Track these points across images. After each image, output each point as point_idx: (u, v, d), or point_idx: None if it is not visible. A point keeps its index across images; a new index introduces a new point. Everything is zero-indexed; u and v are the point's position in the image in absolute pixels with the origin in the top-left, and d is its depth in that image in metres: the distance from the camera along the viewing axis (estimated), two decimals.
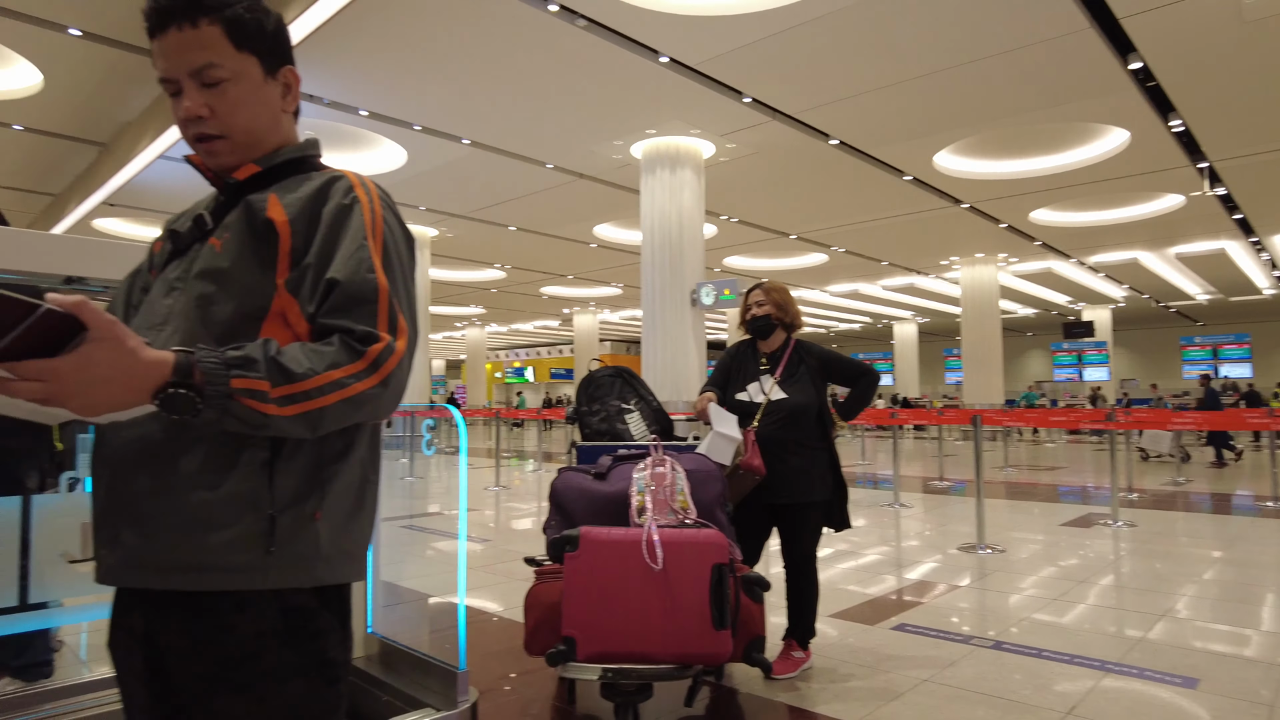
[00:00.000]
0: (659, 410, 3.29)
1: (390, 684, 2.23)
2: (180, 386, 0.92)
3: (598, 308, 25.18)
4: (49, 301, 0.84)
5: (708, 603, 2.30)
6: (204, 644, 1.03)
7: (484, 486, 9.95)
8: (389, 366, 1.04)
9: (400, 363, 1.06)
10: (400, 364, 1.06)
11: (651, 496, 2.55)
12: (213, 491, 1.03)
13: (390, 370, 1.05)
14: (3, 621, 2.08)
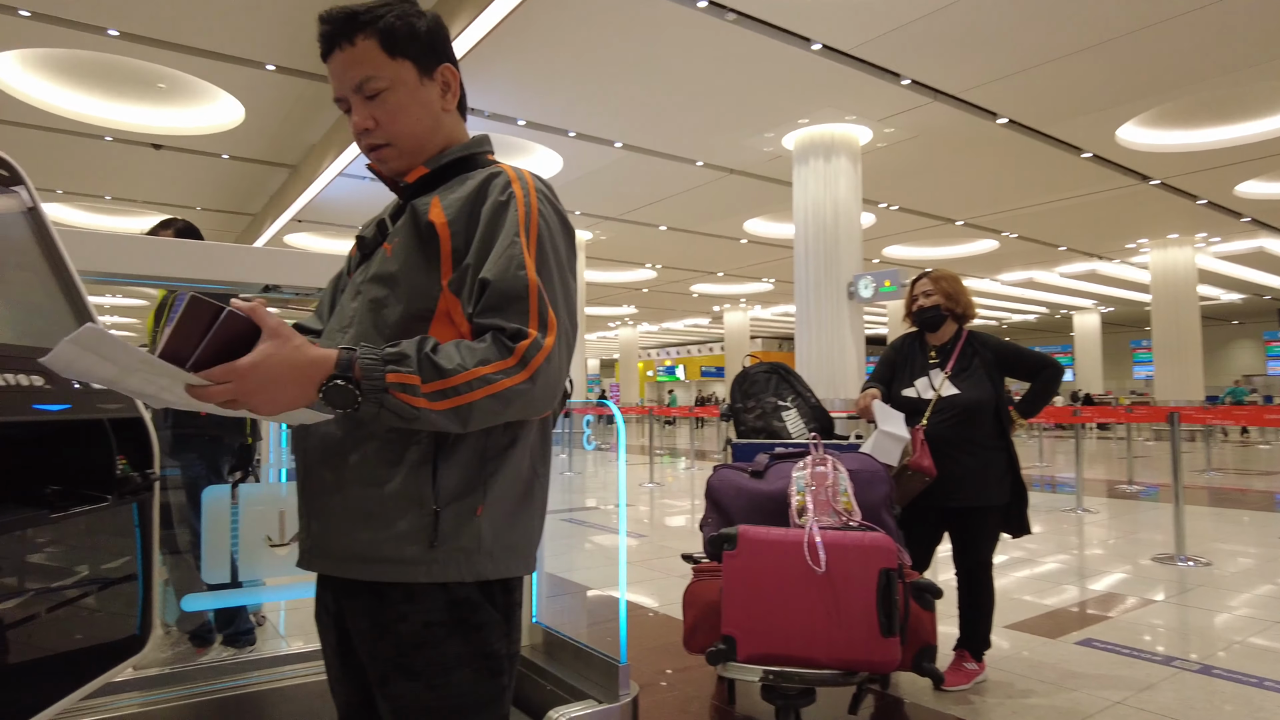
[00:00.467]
0: (817, 407, 3.20)
1: (553, 674, 2.29)
2: (341, 379, 0.98)
3: (749, 304, 24.96)
4: (231, 306, 0.94)
5: (874, 608, 2.20)
6: (381, 630, 1.09)
7: (639, 483, 10.10)
8: (536, 362, 1.04)
9: (549, 358, 1.05)
10: (549, 359, 1.05)
11: (812, 497, 2.47)
12: (381, 488, 1.08)
13: (538, 366, 1.04)
14: (217, 596, 2.31)
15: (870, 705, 2.83)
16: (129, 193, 12.28)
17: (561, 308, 1.10)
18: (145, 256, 2.05)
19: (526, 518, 1.18)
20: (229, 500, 2.31)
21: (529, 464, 1.18)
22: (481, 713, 1.11)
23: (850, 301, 9.07)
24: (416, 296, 1.14)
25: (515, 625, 1.18)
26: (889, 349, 3.35)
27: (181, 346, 0.92)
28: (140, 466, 1.37)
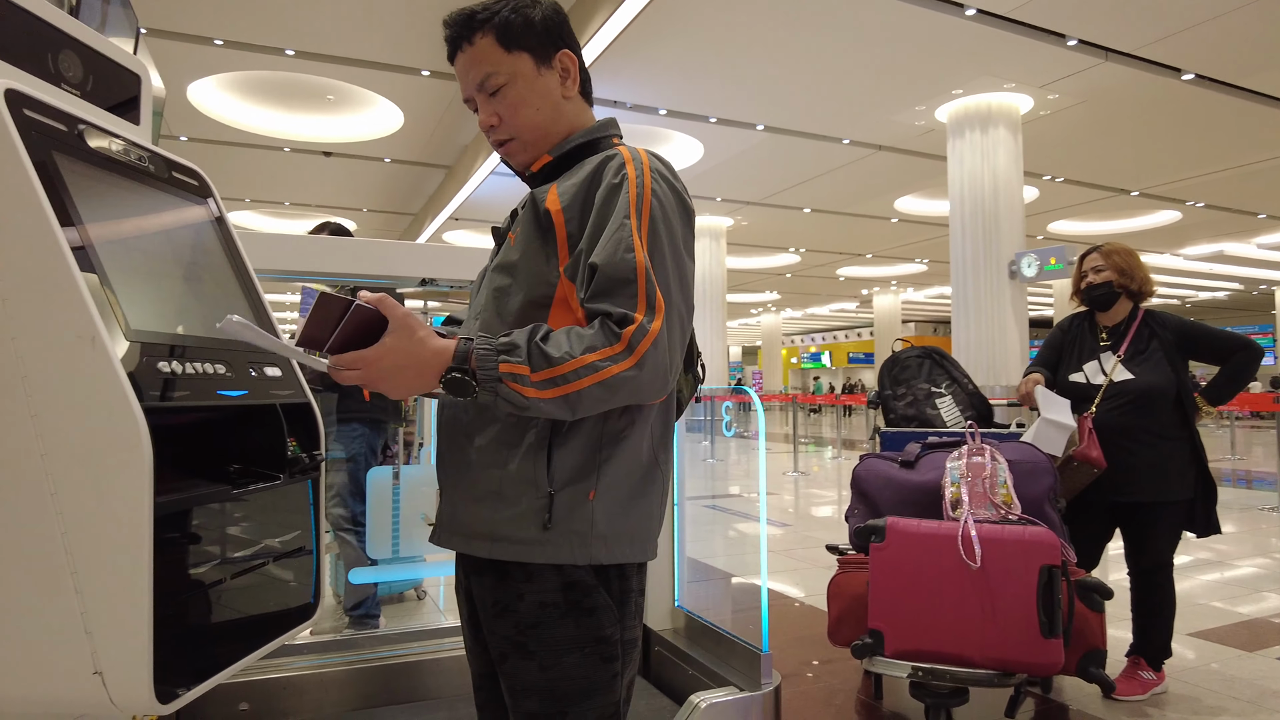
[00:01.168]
0: (975, 394, 3.02)
1: (695, 658, 2.30)
2: (458, 371, 1.01)
3: (900, 287, 23.97)
4: (359, 299, 1.02)
5: (1034, 607, 2.06)
6: (502, 608, 1.12)
7: (782, 472, 9.96)
8: (643, 348, 1.02)
9: (656, 343, 1.03)
10: (656, 344, 1.03)
11: (968, 488, 2.34)
12: (502, 469, 1.11)
13: (644, 352, 1.02)
14: (380, 570, 2.48)
15: (1030, 709, 2.66)
16: (305, 198, 13.36)
17: (674, 289, 1.08)
18: (316, 255, 2.22)
19: (644, 505, 1.17)
20: (391, 480, 2.47)
21: (648, 451, 1.17)
22: (593, 697, 1.11)
23: (1012, 282, 8.50)
24: (535, 284, 1.15)
25: (631, 612, 1.17)
26: (1055, 331, 3.12)
27: (316, 335, 1.03)
28: (308, 448, 1.48)
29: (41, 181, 1.09)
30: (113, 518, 1.05)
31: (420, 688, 2.35)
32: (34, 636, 1.05)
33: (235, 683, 2.17)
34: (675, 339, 1.07)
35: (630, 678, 1.21)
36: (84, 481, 1.05)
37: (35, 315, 1.07)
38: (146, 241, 1.33)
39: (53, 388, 1.06)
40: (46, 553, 1.04)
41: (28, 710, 1.11)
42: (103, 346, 1.06)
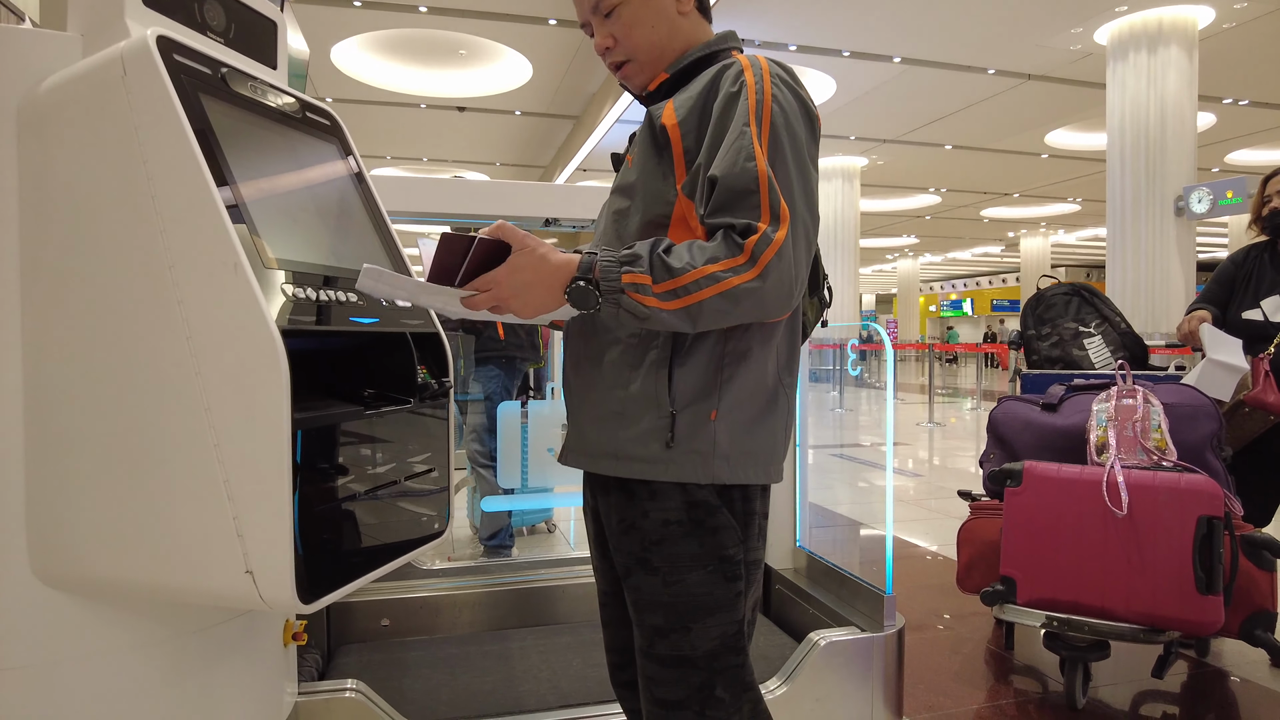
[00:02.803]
0: (1128, 333, 2.78)
1: (817, 598, 2.28)
2: (583, 280, 1.02)
3: (1049, 228, 22.32)
4: (478, 234, 1.07)
5: (1190, 561, 1.90)
6: (628, 524, 1.14)
7: (916, 423, 9.62)
8: (766, 258, 0.99)
9: (780, 253, 1.00)
10: (780, 254, 1.00)
11: (1116, 432, 2.17)
12: (625, 390, 1.12)
13: (768, 262, 0.99)
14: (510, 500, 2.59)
15: (1181, 671, 2.48)
16: (441, 154, 13.85)
17: (798, 198, 1.04)
18: (444, 197, 2.29)
19: (768, 426, 1.15)
20: (519, 415, 2.56)
21: (772, 372, 1.15)
22: (715, 614, 1.12)
23: (1178, 219, 7.73)
24: (653, 203, 1.14)
25: (754, 534, 1.17)
26: (1226, 263, 2.81)
27: (446, 271, 1.08)
28: (438, 375, 1.55)
29: (190, 121, 1.17)
30: (257, 432, 1.14)
31: (547, 612, 2.46)
32: (196, 536, 1.16)
33: (377, 600, 2.34)
34: (801, 251, 1.03)
35: (755, 599, 1.23)
36: (232, 398, 1.14)
37: (187, 245, 1.15)
38: (283, 177, 1.40)
39: (203, 312, 1.15)
40: (203, 462, 1.14)
41: (197, 600, 1.23)
42: (244, 273, 1.14)
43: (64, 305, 1.20)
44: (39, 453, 1.21)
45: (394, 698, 1.84)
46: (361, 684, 1.71)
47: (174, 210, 1.15)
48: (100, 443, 1.19)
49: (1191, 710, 2.25)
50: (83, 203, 1.19)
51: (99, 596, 1.26)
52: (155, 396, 1.16)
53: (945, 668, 2.48)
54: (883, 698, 2.01)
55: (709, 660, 1.12)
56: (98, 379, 1.19)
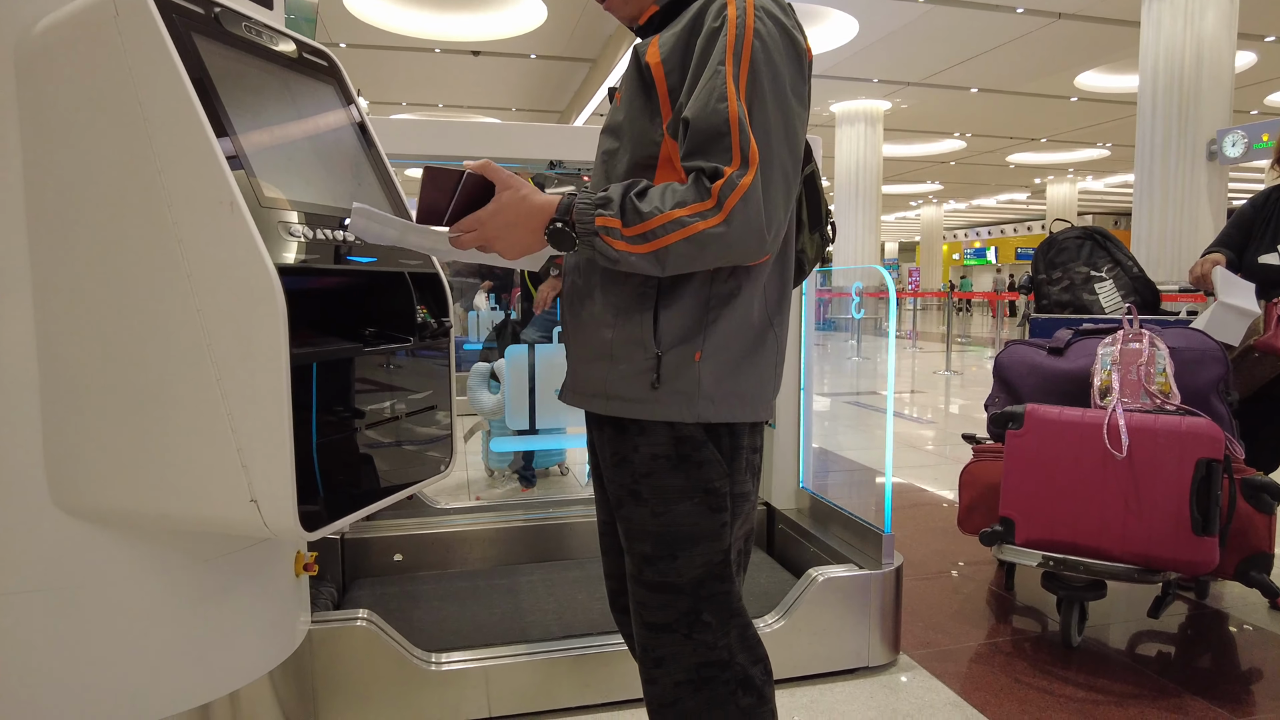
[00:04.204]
0: (1140, 277, 2.75)
1: (818, 537, 2.32)
2: (561, 222, 1.04)
3: (1077, 175, 21.82)
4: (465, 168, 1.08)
5: (1187, 502, 1.91)
6: (619, 458, 1.17)
7: (933, 370, 9.58)
8: (731, 202, 0.99)
9: (746, 197, 0.99)
10: (747, 198, 0.99)
11: (1120, 375, 2.17)
12: (613, 330, 1.14)
13: (732, 207, 0.99)
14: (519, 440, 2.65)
15: (1179, 613, 2.51)
16: (456, 99, 13.69)
17: (775, 139, 1.02)
18: (448, 139, 2.29)
19: (754, 367, 1.16)
20: (526, 357, 2.59)
21: (760, 313, 1.16)
22: (700, 543, 1.15)
23: (1210, 164, 7.53)
24: (640, 144, 1.13)
25: (741, 468, 1.19)
26: (1245, 207, 2.75)
27: (433, 208, 1.10)
28: (437, 315, 1.57)
29: (183, 62, 1.18)
30: (256, 367, 1.17)
31: (555, 548, 2.53)
32: (202, 467, 1.20)
33: (390, 536, 2.41)
34: (775, 194, 1.02)
35: (746, 530, 1.25)
36: (231, 334, 1.17)
37: (184, 184, 1.17)
38: (279, 119, 1.41)
39: (202, 249, 1.18)
40: (206, 396, 1.18)
41: (206, 528, 1.29)
42: (240, 211, 1.16)
43: (69, 244, 1.23)
44: (52, 386, 1.26)
45: (405, 628, 1.91)
46: (373, 614, 1.78)
47: (170, 150, 1.17)
48: (108, 377, 1.23)
49: (1186, 650, 2.28)
50: (82, 144, 1.21)
51: (115, 525, 1.31)
52: (158, 332, 1.20)
53: (945, 607, 2.53)
54: (879, 633, 2.06)
55: (695, 587, 1.16)
56: (103, 316, 1.22)
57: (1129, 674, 2.10)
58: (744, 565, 1.30)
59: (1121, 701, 1.96)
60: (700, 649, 1.17)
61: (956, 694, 1.98)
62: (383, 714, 1.77)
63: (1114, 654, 2.22)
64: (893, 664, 2.12)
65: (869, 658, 2.06)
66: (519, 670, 1.83)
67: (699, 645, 1.17)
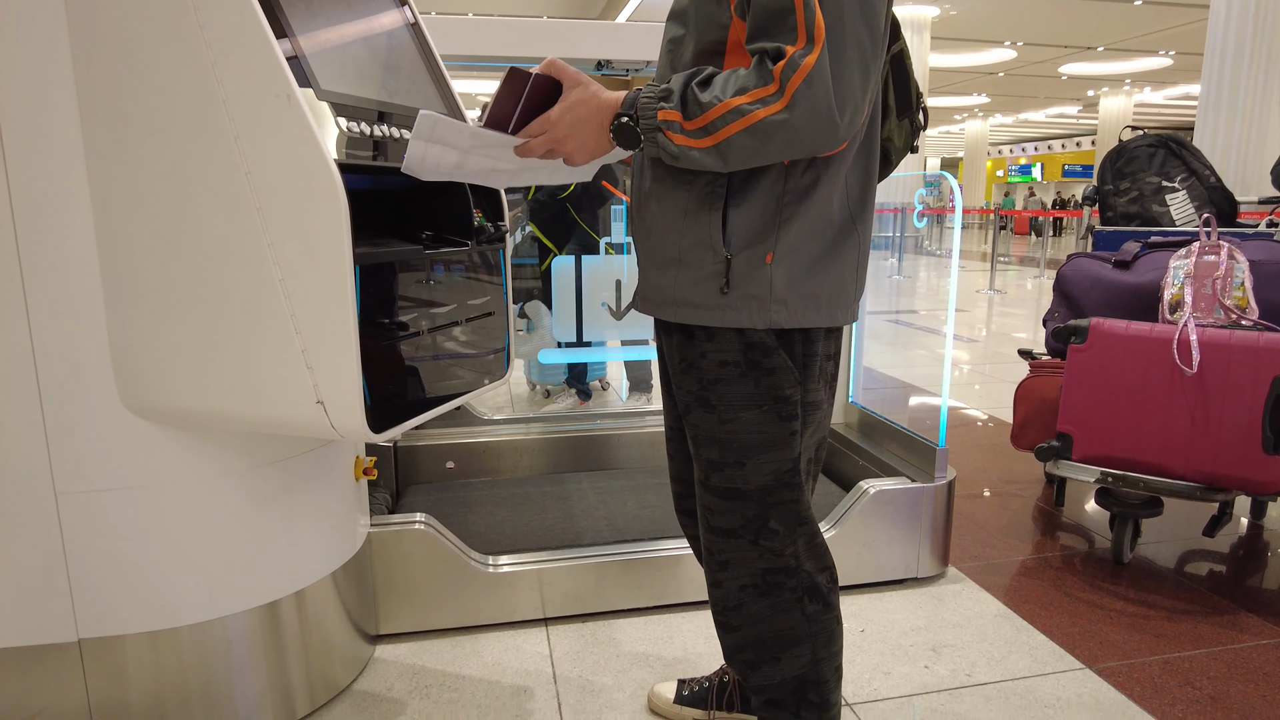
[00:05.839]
0: (1217, 188, 2.61)
1: (868, 451, 2.31)
2: (626, 117, 0.99)
3: (1134, 86, 20.75)
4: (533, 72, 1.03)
5: (1260, 420, 1.85)
6: (688, 365, 1.14)
7: (975, 289, 9.38)
8: (794, 85, 0.90)
9: (810, 78, 0.89)
10: (811, 79, 0.90)
11: (1193, 290, 2.08)
12: (681, 236, 1.09)
13: (795, 90, 0.90)
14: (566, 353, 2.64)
15: (1233, 533, 2.47)
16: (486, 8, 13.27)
17: (847, 10, 0.92)
18: (495, 37, 2.20)
19: (834, 268, 1.10)
20: (574, 270, 2.56)
21: (840, 209, 1.09)
22: (769, 450, 1.13)
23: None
24: (707, 28, 1.05)
25: (814, 376, 1.15)
26: None
27: (502, 112, 1.04)
28: (493, 219, 1.54)
29: None
30: (319, 267, 1.15)
31: (603, 458, 2.54)
32: (268, 368, 1.20)
33: (441, 444, 2.44)
34: (849, 73, 0.93)
35: (818, 439, 1.23)
36: (293, 233, 1.15)
37: (239, 78, 1.13)
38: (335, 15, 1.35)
39: (260, 145, 1.14)
40: (270, 296, 1.17)
41: (273, 429, 1.29)
42: (298, 104, 1.12)
43: (125, 145, 1.20)
44: (115, 290, 1.25)
45: (460, 531, 1.95)
46: (430, 517, 1.81)
47: (223, 42, 1.12)
48: (171, 278, 1.22)
49: (1239, 569, 2.26)
50: (133, 40, 1.17)
51: (184, 427, 1.33)
52: (218, 232, 1.18)
53: (993, 523, 2.52)
54: (929, 546, 2.06)
55: (762, 494, 1.14)
56: (163, 216, 1.20)
57: (1181, 590, 2.09)
58: (815, 473, 1.29)
59: (1173, 616, 1.95)
60: (766, 555, 1.17)
61: (1006, 606, 1.99)
62: (441, 615, 1.82)
63: (1165, 571, 2.21)
64: (941, 575, 2.12)
65: (918, 569, 2.06)
66: (571, 573, 1.86)
67: (765, 551, 1.17)
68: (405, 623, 1.80)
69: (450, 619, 1.82)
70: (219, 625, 1.43)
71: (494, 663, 1.72)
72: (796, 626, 1.18)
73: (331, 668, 1.61)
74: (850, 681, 1.66)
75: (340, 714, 1.56)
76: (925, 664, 1.73)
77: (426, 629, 1.81)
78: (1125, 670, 1.72)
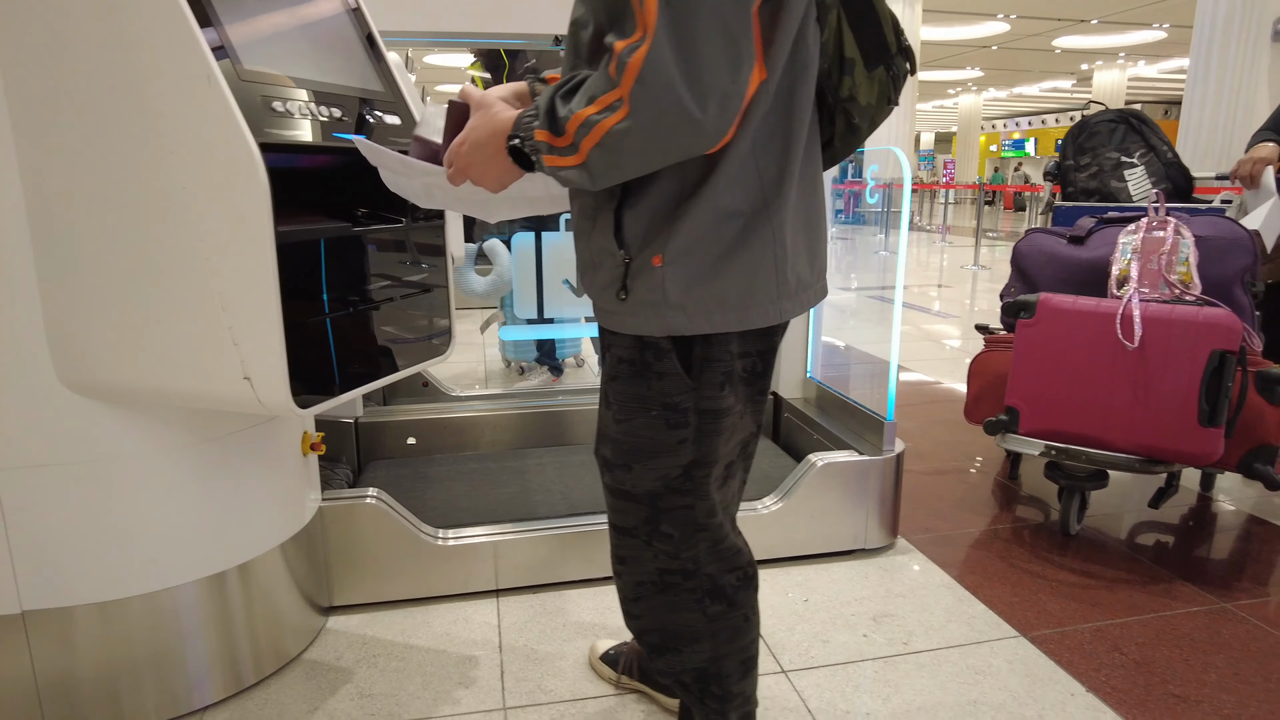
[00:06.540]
0: (1174, 164, 2.62)
1: (822, 424, 2.34)
2: (517, 138, 0.92)
3: (1128, 60, 20.62)
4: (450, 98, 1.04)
5: (1196, 393, 1.89)
6: (601, 357, 1.15)
7: (961, 265, 9.40)
8: (627, 85, 0.80)
9: (643, 75, 0.78)
10: (643, 77, 0.78)
11: (1139, 264, 2.10)
12: (589, 240, 1.04)
13: (629, 90, 0.79)
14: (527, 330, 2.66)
15: (1177, 504, 2.52)
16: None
17: None
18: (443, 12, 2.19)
19: (741, 266, 0.99)
20: (534, 245, 2.57)
21: (745, 199, 0.97)
22: (656, 457, 1.09)
23: (1273, 46, 7.04)
24: (601, 7, 0.93)
25: (714, 381, 1.06)
26: None
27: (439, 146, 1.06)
28: None
29: None
30: (243, 245, 1.17)
31: (564, 434, 2.58)
32: (196, 344, 1.22)
33: (404, 420, 2.46)
34: (706, 53, 0.79)
35: (741, 438, 1.17)
36: (217, 211, 1.17)
37: (160, 59, 1.14)
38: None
39: (183, 125, 1.15)
40: (197, 273, 1.19)
41: (204, 404, 1.31)
42: (218, 84, 1.13)
43: (53, 126, 1.21)
44: (48, 268, 1.27)
45: (417, 506, 1.98)
46: (382, 493, 1.84)
47: (143, 23, 1.13)
48: (101, 255, 1.23)
49: (1184, 539, 2.31)
50: (56, 21, 1.17)
51: (122, 402, 1.35)
52: (146, 211, 1.19)
53: (949, 495, 2.56)
54: (877, 517, 2.10)
55: (651, 499, 1.12)
56: (92, 196, 1.22)
57: (1124, 561, 2.13)
58: (739, 472, 1.22)
59: (1112, 586, 2.00)
60: (661, 556, 1.15)
61: (950, 576, 2.03)
62: (394, 587, 1.85)
63: (1112, 542, 2.25)
64: (890, 547, 2.17)
65: (866, 540, 2.10)
66: (523, 546, 1.90)
67: (659, 553, 1.14)
68: (358, 594, 1.84)
69: (402, 591, 1.86)
70: (168, 595, 1.46)
71: (443, 633, 1.76)
72: (696, 624, 1.16)
73: (281, 637, 1.65)
74: (788, 650, 1.70)
75: (289, 682, 1.60)
76: (864, 633, 1.77)
77: (379, 600, 1.85)
78: (1058, 638, 1.76)
